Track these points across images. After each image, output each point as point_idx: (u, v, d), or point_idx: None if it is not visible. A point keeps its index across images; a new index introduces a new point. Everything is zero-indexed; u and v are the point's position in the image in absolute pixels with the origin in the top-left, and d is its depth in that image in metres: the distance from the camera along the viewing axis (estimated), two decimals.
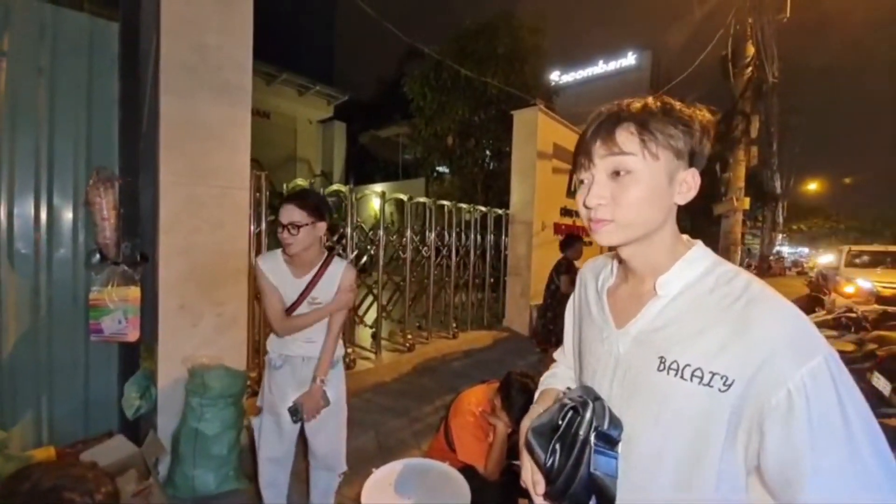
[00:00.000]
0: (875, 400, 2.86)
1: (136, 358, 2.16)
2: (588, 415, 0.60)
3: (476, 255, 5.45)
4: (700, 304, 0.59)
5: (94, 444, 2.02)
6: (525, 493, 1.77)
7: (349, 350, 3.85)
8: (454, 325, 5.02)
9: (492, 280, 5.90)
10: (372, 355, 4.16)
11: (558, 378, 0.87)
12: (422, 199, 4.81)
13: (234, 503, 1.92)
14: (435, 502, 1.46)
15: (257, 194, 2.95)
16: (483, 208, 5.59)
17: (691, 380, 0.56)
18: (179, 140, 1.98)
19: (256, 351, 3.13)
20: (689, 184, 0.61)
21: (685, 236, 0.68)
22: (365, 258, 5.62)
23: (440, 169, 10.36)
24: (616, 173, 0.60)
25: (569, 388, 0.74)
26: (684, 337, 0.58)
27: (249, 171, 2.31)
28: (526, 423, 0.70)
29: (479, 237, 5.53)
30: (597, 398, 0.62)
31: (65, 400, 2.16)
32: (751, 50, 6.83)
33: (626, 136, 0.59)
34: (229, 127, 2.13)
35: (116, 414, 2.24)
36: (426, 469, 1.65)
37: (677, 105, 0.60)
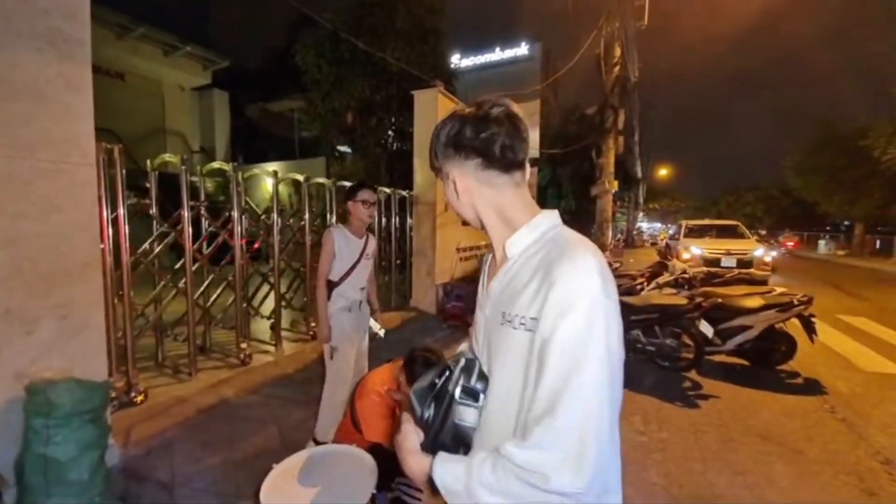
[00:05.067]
0: (702, 341, 3.67)
1: None
2: (456, 372, 0.68)
3: (381, 237, 5.39)
4: (530, 261, 0.66)
5: None
6: None
7: (243, 345, 3.54)
8: None
9: (398, 261, 5.92)
10: (271, 348, 3.89)
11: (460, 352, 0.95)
12: (321, 180, 4.55)
13: None
14: (340, 487, 1.46)
15: (111, 171, 2.46)
16: (387, 190, 5.52)
17: (519, 327, 0.63)
18: None
19: (122, 356, 2.68)
20: None
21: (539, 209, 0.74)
22: (259, 244, 5.15)
23: (341, 148, 9.84)
24: None
25: (457, 353, 0.82)
26: (516, 291, 0.65)
27: (95, 144, 1.91)
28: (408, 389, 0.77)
29: (384, 219, 5.47)
30: (471, 358, 0.71)
31: None
32: (618, 51, 7.81)
33: None
34: (61, 88, 1.72)
35: None
36: (331, 455, 1.63)
37: None
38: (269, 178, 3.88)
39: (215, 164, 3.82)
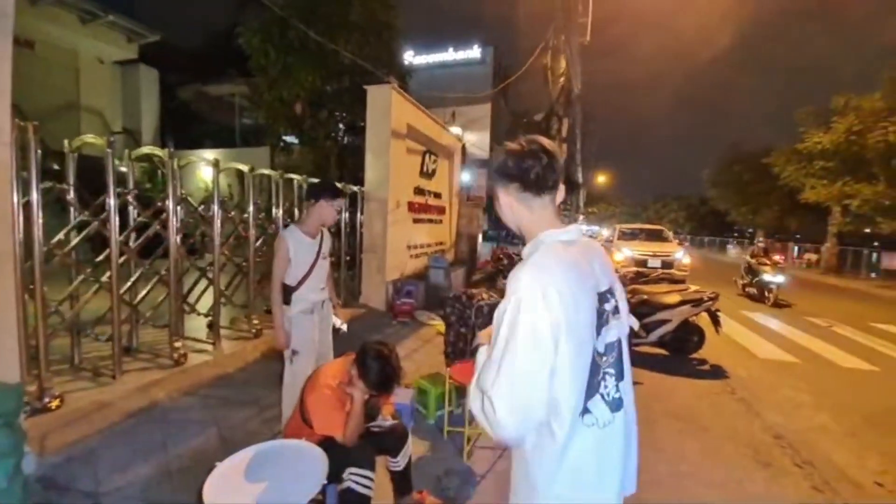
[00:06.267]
0: (629, 334, 4.05)
1: None
2: None
3: (331, 232, 5.27)
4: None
5: None
6: (382, 451, 1.90)
7: (177, 345, 3.31)
8: None
9: (348, 258, 5.82)
10: (209, 347, 3.68)
11: None
12: (266, 172, 4.36)
13: None
14: (290, 480, 1.46)
15: (19, 151, 2.19)
16: (338, 185, 5.40)
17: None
18: None
19: (34, 359, 2.40)
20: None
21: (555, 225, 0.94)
22: (196, 237, 4.81)
23: (287, 139, 9.42)
24: None
25: None
26: None
27: (11, 122, 1.71)
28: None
29: None
30: None
31: None
32: (563, 63, 8.28)
33: None
34: None
35: None
36: (279, 450, 1.62)
37: None
38: (206, 167, 3.66)
39: (146, 149, 3.52)
